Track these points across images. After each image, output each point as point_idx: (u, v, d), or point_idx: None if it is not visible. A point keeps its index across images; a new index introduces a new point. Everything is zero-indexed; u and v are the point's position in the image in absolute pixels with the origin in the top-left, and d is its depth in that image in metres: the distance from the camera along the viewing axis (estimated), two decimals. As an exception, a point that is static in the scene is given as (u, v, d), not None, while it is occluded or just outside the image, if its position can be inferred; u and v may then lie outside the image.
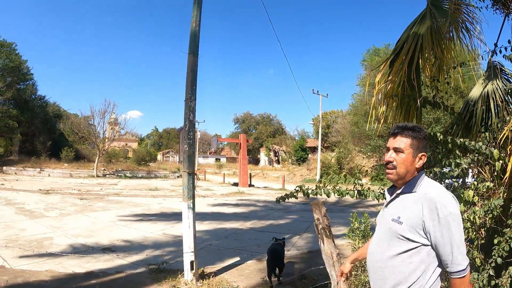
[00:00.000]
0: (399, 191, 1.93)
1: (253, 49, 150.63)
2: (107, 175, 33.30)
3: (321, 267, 4.05)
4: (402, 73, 4.36)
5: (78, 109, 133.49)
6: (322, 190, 4.27)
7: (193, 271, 5.39)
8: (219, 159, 71.60)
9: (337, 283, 4.06)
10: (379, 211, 2.22)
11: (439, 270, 1.84)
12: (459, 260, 1.74)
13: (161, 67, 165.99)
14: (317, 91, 35.55)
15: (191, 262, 5.40)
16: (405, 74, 4.34)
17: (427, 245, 1.80)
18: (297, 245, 8.29)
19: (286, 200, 4.23)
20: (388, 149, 1.97)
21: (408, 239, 1.80)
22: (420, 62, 4.35)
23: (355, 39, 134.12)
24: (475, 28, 3.96)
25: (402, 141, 1.91)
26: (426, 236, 1.78)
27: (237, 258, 6.86)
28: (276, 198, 4.34)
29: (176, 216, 11.39)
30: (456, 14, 3.93)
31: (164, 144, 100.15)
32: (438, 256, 1.80)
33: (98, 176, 31.54)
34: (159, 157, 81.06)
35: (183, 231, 5.58)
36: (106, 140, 36.28)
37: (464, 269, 1.75)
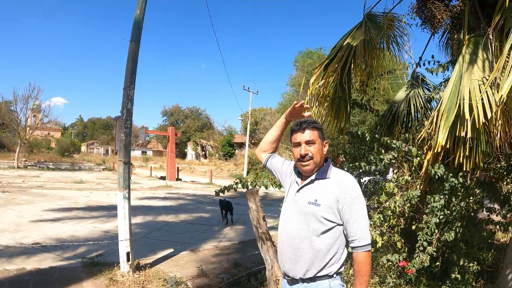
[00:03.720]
0: (313, 177, 2.10)
1: (186, 41, 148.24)
2: (28, 167, 30.73)
3: (256, 252, 4.31)
4: (335, 76, 4.75)
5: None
6: (261, 182, 4.56)
7: (130, 262, 5.34)
8: (146, 152, 69.53)
9: (271, 267, 4.38)
10: None
11: (345, 248, 2.10)
12: (366, 235, 1.99)
13: (90, 53, 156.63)
14: (248, 88, 36.00)
15: (127, 254, 5.34)
16: (338, 77, 4.74)
17: (341, 225, 2.03)
18: (228, 236, 8.53)
19: (226, 192, 4.44)
20: (298, 144, 2.12)
21: (326, 219, 2.00)
22: (352, 67, 4.78)
23: (288, 40, 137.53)
24: (404, 42, 4.47)
25: (312, 134, 2.10)
26: (340, 215, 2.02)
27: (171, 250, 6.92)
28: (215, 191, 4.50)
29: (104, 210, 11.07)
30: (389, 29, 4.41)
31: (89, 135, 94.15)
32: (347, 233, 2.03)
33: (19, 167, 29.05)
34: (83, 148, 76.18)
35: (119, 221, 5.49)
36: (28, 128, 33.26)
37: (370, 244, 2.01)
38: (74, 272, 5.42)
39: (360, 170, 4.63)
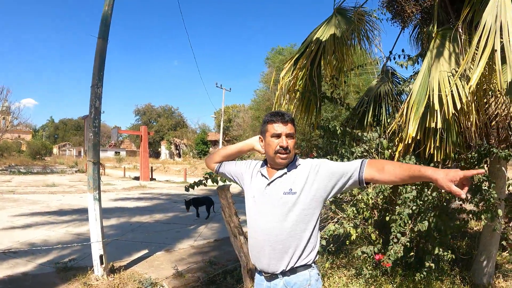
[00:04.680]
0: (286, 170, 2.10)
1: (157, 38, 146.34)
2: (-2, 171, 30.01)
3: (231, 249, 4.28)
4: (305, 70, 4.75)
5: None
6: (230, 177, 4.50)
7: (103, 265, 5.20)
8: (119, 152, 68.03)
9: (246, 264, 4.37)
10: None
11: (319, 233, 2.14)
12: (356, 161, 2.01)
13: (59, 52, 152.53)
14: (221, 85, 35.98)
15: (101, 257, 5.20)
16: (308, 71, 4.73)
17: (318, 207, 2.06)
18: (203, 234, 8.45)
19: (196, 187, 4.38)
20: (278, 135, 2.07)
21: (303, 206, 2.01)
22: (322, 62, 4.78)
23: (261, 38, 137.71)
24: (375, 37, 4.50)
25: (292, 128, 2.09)
26: (316, 191, 2.03)
27: (146, 251, 6.79)
28: (185, 186, 4.44)
29: (77, 213, 10.77)
30: (359, 23, 4.42)
31: (61, 136, 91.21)
32: (347, 182, 2.01)
33: (-11, 172, 28.32)
34: (55, 150, 73.90)
35: (90, 224, 5.33)
36: (-2, 131, 32.41)
37: (366, 160, 2.01)
38: (48, 278, 5.24)
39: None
